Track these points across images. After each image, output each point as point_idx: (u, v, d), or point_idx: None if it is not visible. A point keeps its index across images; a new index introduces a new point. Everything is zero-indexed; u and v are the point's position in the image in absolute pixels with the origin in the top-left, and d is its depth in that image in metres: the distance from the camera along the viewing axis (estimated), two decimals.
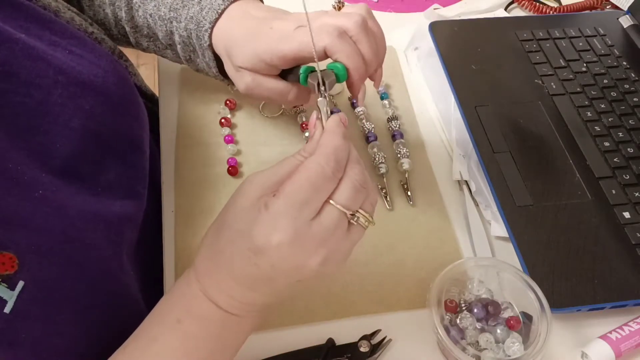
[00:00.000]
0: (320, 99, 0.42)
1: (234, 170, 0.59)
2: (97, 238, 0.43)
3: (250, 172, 0.60)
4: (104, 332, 0.44)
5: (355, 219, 0.39)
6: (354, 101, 0.66)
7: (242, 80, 0.53)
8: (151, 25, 0.57)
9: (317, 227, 0.37)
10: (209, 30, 0.53)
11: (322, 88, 0.44)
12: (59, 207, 0.41)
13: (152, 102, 0.71)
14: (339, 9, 0.50)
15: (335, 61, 0.47)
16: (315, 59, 0.44)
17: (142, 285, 0.52)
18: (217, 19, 0.52)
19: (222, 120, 0.63)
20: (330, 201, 0.38)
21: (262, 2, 0.56)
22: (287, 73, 0.51)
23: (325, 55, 0.48)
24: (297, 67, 0.50)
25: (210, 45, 0.54)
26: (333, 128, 0.40)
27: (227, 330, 0.41)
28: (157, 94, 0.70)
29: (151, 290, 0.53)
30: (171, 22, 0.56)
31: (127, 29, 0.59)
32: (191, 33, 0.54)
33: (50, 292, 0.40)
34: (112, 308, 0.45)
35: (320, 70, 0.45)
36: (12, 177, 0.39)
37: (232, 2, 0.53)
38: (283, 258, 0.37)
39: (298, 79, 0.49)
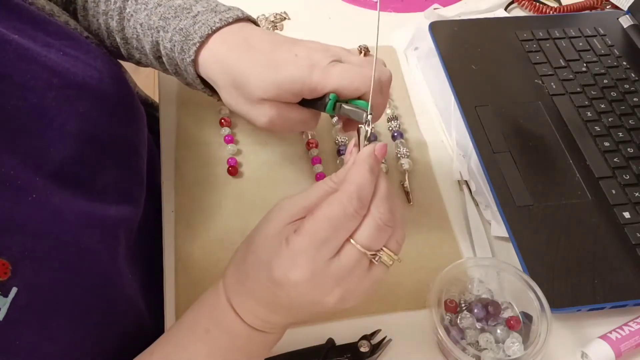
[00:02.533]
0: (361, 126, 0.43)
1: (234, 170, 0.59)
2: (93, 242, 0.43)
3: (250, 172, 0.60)
4: (101, 336, 0.44)
5: (377, 258, 0.38)
6: None
7: (264, 114, 0.48)
8: (140, 36, 0.53)
9: (336, 266, 0.37)
10: (197, 44, 0.49)
11: (369, 117, 0.44)
12: (53, 211, 0.40)
13: (146, 105, 0.71)
14: (365, 54, 0.49)
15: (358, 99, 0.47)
16: (370, 101, 0.44)
17: (142, 287, 0.52)
18: (209, 35, 0.49)
19: (222, 121, 0.63)
20: (351, 240, 0.37)
21: (258, 25, 0.53)
22: (306, 100, 0.48)
23: (353, 96, 0.47)
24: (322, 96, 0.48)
25: (195, 62, 0.50)
26: (362, 160, 0.39)
27: (253, 344, 0.41)
28: (157, 94, 0.70)
29: (152, 291, 0.53)
30: (158, 32, 0.52)
31: (118, 40, 0.55)
32: (175, 45, 0.50)
33: (45, 298, 0.39)
34: (109, 312, 0.45)
35: (348, 104, 0.46)
36: (5, 182, 0.38)
37: (229, 23, 0.50)
38: (300, 294, 0.37)
39: (323, 107, 0.47)
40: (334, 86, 0.46)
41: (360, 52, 0.49)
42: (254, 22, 0.52)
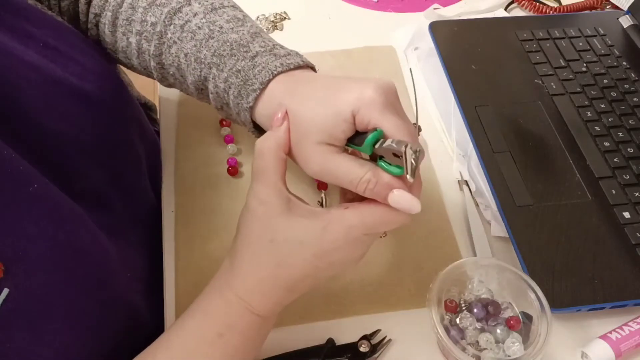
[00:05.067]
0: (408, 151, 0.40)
1: (234, 170, 0.59)
2: (86, 244, 0.42)
3: (251, 172, 0.60)
4: (96, 337, 0.43)
5: None
6: None
7: (315, 161, 0.43)
8: (182, 66, 0.50)
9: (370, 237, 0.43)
10: (258, 90, 0.46)
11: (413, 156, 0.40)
12: (47, 212, 0.40)
13: (142, 106, 0.70)
14: (419, 131, 0.45)
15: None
16: (411, 155, 0.40)
17: (142, 286, 0.52)
18: (269, 80, 0.46)
19: (222, 121, 0.63)
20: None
21: (316, 71, 0.49)
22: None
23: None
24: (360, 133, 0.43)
25: (252, 108, 0.47)
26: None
27: (261, 334, 0.44)
28: (157, 93, 0.70)
29: (152, 290, 0.53)
30: (210, 68, 0.49)
31: (153, 63, 0.52)
32: (230, 87, 0.48)
33: (38, 299, 0.38)
34: (104, 313, 0.44)
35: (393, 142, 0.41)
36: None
37: (290, 69, 0.46)
38: (340, 258, 0.42)
39: (361, 141, 0.42)
40: (385, 130, 0.41)
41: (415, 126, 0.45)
42: (313, 69, 0.49)
